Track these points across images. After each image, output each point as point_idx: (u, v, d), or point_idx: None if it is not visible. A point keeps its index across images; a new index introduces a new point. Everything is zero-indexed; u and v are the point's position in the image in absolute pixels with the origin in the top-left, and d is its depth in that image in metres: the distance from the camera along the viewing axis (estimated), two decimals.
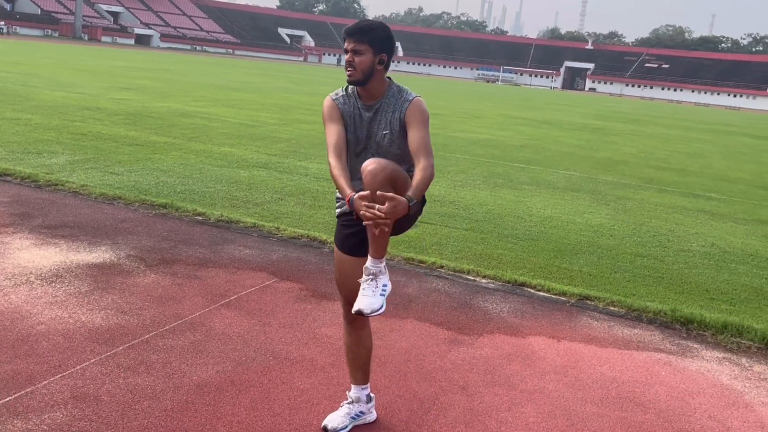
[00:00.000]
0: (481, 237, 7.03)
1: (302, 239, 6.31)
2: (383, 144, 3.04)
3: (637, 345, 4.64)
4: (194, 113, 16.11)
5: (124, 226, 6.22)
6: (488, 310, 5.00)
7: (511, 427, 3.43)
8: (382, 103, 3.05)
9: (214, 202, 7.44)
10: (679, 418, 3.69)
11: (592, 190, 10.78)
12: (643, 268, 6.49)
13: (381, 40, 2.97)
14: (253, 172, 9.47)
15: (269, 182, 8.82)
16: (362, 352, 3.28)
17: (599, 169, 13.59)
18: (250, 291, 4.89)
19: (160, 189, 7.75)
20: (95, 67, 31.37)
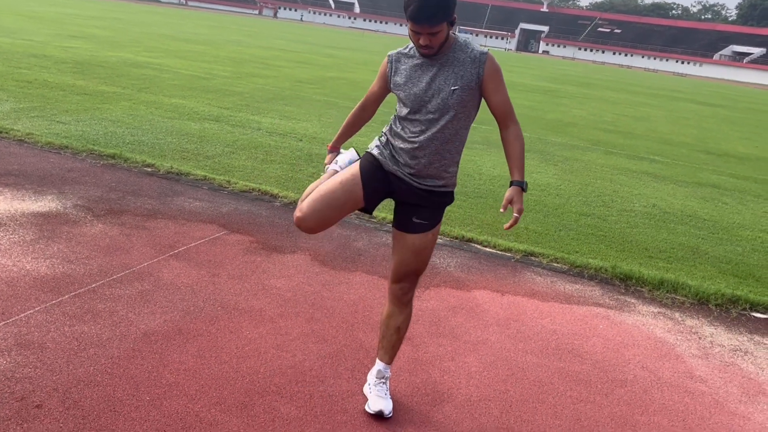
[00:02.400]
0: None
1: (253, 193, 6.29)
2: (449, 100, 2.82)
3: (578, 300, 4.81)
4: (145, 64, 15.70)
5: (71, 175, 6.09)
6: (435, 265, 5.10)
7: (454, 376, 3.55)
8: (449, 57, 2.83)
9: (164, 153, 7.33)
10: (614, 369, 3.87)
11: (541, 151, 10.96)
12: (587, 226, 6.68)
13: (453, 8, 2.72)
14: (205, 124, 9.33)
15: (221, 135, 8.72)
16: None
17: (549, 130, 13.79)
18: (199, 243, 4.88)
19: (109, 139, 7.59)
20: (43, 13, 30.16)
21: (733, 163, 12.56)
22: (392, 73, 2.96)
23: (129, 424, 2.79)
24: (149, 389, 3.04)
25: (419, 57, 2.88)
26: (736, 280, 5.60)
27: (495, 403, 3.34)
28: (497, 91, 2.88)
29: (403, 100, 2.92)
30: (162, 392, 3.03)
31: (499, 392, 3.45)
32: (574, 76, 43.41)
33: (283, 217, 5.70)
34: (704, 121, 21.83)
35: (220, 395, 3.07)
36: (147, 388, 3.05)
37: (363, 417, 3.06)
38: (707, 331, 4.56)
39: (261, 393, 3.14)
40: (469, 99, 2.86)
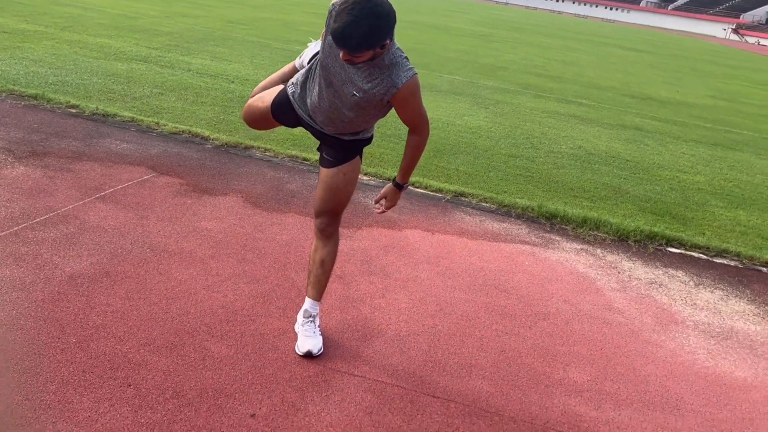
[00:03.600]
0: None
1: (183, 135, 6.16)
2: (346, 98, 2.74)
3: (505, 237, 4.95)
4: (68, 2, 14.94)
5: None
6: (368, 206, 5.14)
7: (384, 312, 3.64)
8: (372, 66, 2.65)
9: (89, 94, 7.07)
10: (538, 302, 4.03)
11: (473, 94, 11.04)
12: (516, 167, 6.83)
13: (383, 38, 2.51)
14: (132, 65, 9.01)
15: (149, 76, 8.44)
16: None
17: (481, 74, 13.88)
18: (127, 185, 4.78)
19: (30, 79, 7.25)
20: None
21: (655, 107, 12.95)
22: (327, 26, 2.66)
23: (55, 367, 2.77)
24: (75, 332, 3.01)
25: None
26: (654, 217, 5.85)
27: (424, 337, 3.45)
28: (405, 113, 2.81)
29: (321, 59, 2.78)
30: (89, 334, 3.01)
31: (427, 327, 3.55)
32: (507, 20, 43.56)
33: (215, 160, 5.61)
34: (630, 66, 22.34)
35: (149, 336, 3.07)
36: (73, 331, 3.02)
37: (294, 354, 3.12)
38: (626, 265, 4.78)
39: (191, 333, 3.15)
40: (372, 107, 2.77)
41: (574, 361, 3.44)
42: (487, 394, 3.05)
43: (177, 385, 2.76)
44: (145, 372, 2.81)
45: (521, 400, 3.04)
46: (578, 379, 3.29)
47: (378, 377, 3.04)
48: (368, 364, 3.13)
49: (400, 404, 2.88)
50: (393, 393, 2.95)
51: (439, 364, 3.22)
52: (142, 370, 2.82)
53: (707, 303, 4.38)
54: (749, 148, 10.05)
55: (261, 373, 2.94)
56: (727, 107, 14.70)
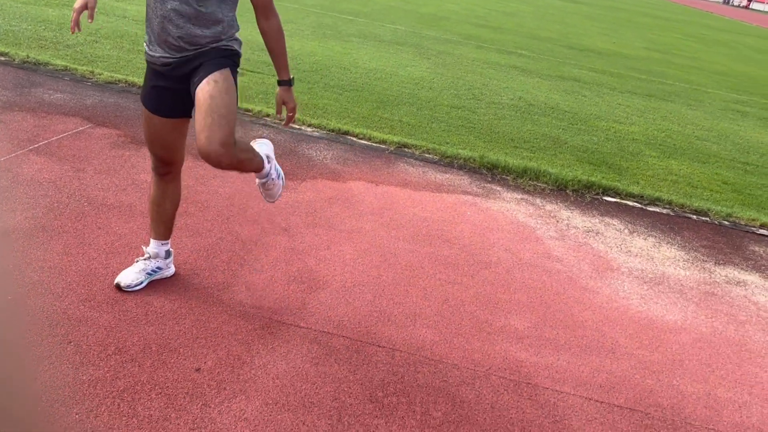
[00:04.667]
0: (307, 87, 7.01)
1: (119, 84, 5.95)
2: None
3: (448, 188, 5.00)
4: None
5: None
6: (312, 157, 5.10)
7: (329, 263, 3.65)
8: None
9: (18, 41, 6.72)
10: (480, 252, 4.11)
11: (415, 44, 10.96)
12: (458, 118, 6.86)
13: None
14: (64, 11, 8.59)
15: (82, 23, 8.07)
16: (168, 207, 3.08)
17: (423, 24, 13.77)
18: (61, 137, 4.61)
19: None
20: None
21: (592, 58, 13.13)
22: None
23: None
24: (11, 288, 2.93)
25: None
26: (591, 167, 5.99)
27: (368, 287, 3.49)
28: None
29: None
30: (25, 291, 2.93)
31: (372, 277, 3.59)
32: None
33: None
34: (568, 17, 22.50)
35: (89, 292, 3.01)
36: (8, 288, 2.93)
37: (239, 307, 3.11)
38: (564, 214, 4.90)
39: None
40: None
41: (515, 309, 3.54)
42: (431, 343, 3.12)
43: (119, 341, 2.73)
44: (85, 328, 2.76)
45: (464, 348, 3.12)
46: (519, 326, 3.39)
47: (323, 328, 3.07)
48: (314, 315, 3.16)
49: (345, 354, 2.92)
50: (338, 343, 2.99)
51: (384, 314, 3.27)
52: (83, 326, 2.77)
53: (641, 250, 4.54)
54: (681, 99, 10.32)
55: (205, 327, 2.93)
56: (660, 59, 15.02)
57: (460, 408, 2.73)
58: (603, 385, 3.05)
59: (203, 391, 2.55)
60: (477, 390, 2.85)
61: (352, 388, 2.73)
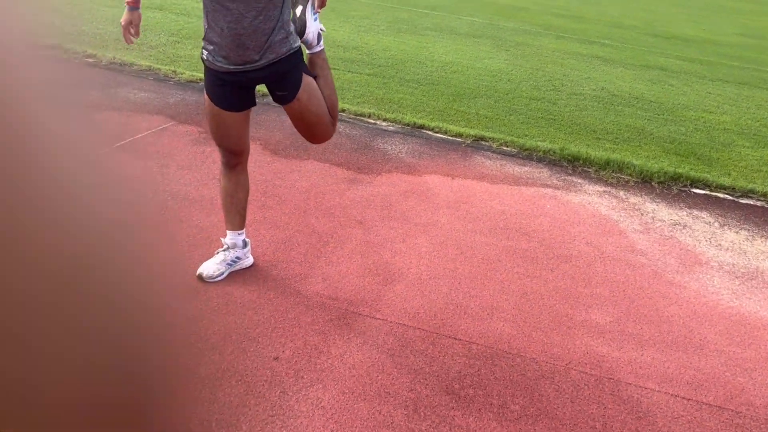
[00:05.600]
0: (383, 82, 7.02)
1: (200, 83, 6.11)
2: None
3: (526, 181, 4.91)
4: None
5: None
6: (387, 151, 5.11)
7: (405, 256, 3.64)
8: None
9: (105, 44, 7.02)
10: (560, 245, 4.01)
11: (493, 36, 10.82)
12: (537, 110, 6.72)
13: None
14: (148, 13, 8.90)
15: (165, 24, 8.36)
16: (241, 196, 3.18)
17: (501, 15, 13.57)
18: (146, 134, 4.78)
19: (47, 30, 7.21)
20: None
21: (679, 46, 12.62)
22: None
23: None
24: None
25: None
26: (678, 158, 5.76)
27: (444, 280, 3.46)
28: None
29: None
30: None
31: (448, 270, 3.56)
32: None
33: None
34: (653, 4, 21.70)
35: (171, 282, 3.09)
36: None
37: (316, 298, 3.14)
38: (649, 207, 4.72)
39: None
40: None
41: (596, 303, 3.44)
42: (508, 336, 3.06)
43: (201, 330, 2.80)
44: (168, 317, 2.85)
45: (543, 342, 3.05)
46: (600, 320, 3.29)
47: (399, 320, 3.06)
48: (390, 307, 3.15)
49: (421, 346, 2.90)
50: (414, 335, 2.97)
51: (460, 307, 3.23)
52: (166, 314, 2.86)
53: (732, 244, 4.33)
54: None
55: (283, 317, 2.97)
56: (755, 44, 14.28)
57: (538, 402, 2.66)
58: (690, 383, 2.92)
59: (281, 379, 2.59)
60: (557, 384, 2.78)
61: (428, 379, 2.71)
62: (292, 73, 2.87)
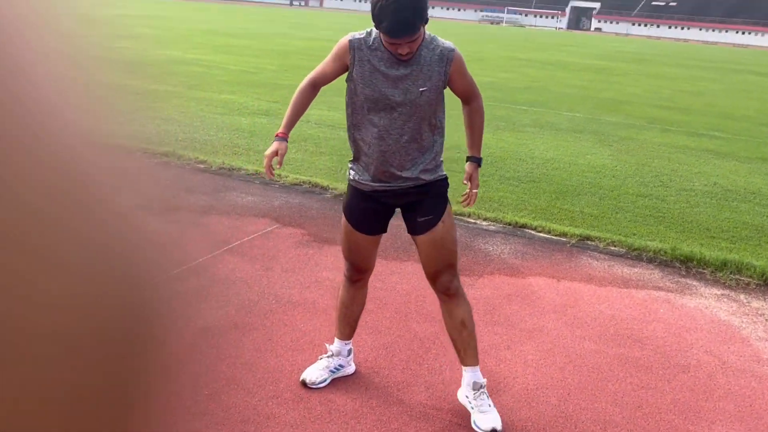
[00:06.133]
0: (482, 180, 6.96)
1: (304, 185, 6.33)
2: (418, 101, 2.73)
3: (637, 283, 4.69)
4: (193, 61, 15.96)
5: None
6: (489, 252, 5.04)
7: (510, 364, 3.51)
8: (417, 55, 2.71)
9: (215, 149, 7.44)
10: (676, 354, 3.76)
11: (595, 131, 10.72)
12: (645, 208, 6.51)
13: (426, 7, 2.62)
14: (255, 119, 9.43)
15: (270, 129, 8.80)
16: (356, 310, 3.22)
17: (603, 109, 13.49)
18: (252, 237, 4.94)
19: (162, 137, 7.74)
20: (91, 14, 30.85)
21: None
22: (354, 63, 2.79)
23: (189, 418, 2.84)
24: (208, 383, 3.10)
25: (384, 51, 2.73)
26: None
27: (553, 391, 3.29)
28: (462, 81, 2.86)
29: (363, 95, 2.78)
30: (220, 386, 3.08)
31: (556, 380, 3.39)
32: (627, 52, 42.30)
33: (334, 209, 5.72)
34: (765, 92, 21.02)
35: (276, 388, 3.10)
36: (206, 383, 3.10)
37: (419, 408, 3.05)
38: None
39: None
40: (435, 96, 2.79)
41: (720, 419, 3.17)
42: None
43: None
44: (273, 425, 2.84)
45: None
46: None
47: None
48: None
49: None
50: None
51: (571, 420, 3.06)
52: (271, 423, 2.85)
53: None
54: None
55: (386, 427, 2.89)
56: None
57: None
58: None
59: None
60: None
61: None
62: (437, 199, 2.92)
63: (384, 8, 2.52)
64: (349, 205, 3.05)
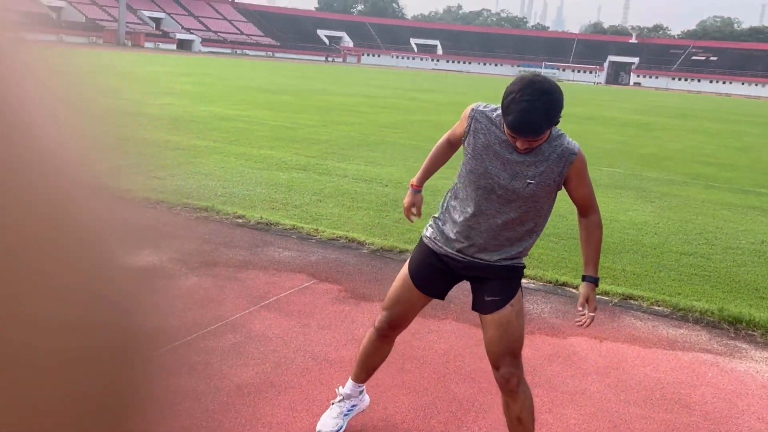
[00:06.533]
0: None
1: (341, 240, 6.33)
2: (522, 192, 2.66)
3: (683, 345, 4.54)
4: (235, 117, 16.31)
5: (166, 229, 6.33)
6: (529, 311, 4.94)
7: (552, 428, 3.39)
8: (537, 148, 2.64)
9: (254, 204, 7.52)
10: (727, 420, 3.60)
11: (636, 187, 10.58)
12: (689, 266, 6.35)
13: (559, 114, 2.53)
14: (293, 174, 9.54)
15: (308, 184, 8.88)
16: (377, 361, 3.16)
17: (644, 165, 13.34)
18: (289, 293, 4.93)
19: (202, 192, 7.86)
20: (139, 73, 31.98)
21: None
22: (470, 131, 2.73)
23: None
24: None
25: (502, 137, 2.66)
26: None
27: None
28: (581, 186, 2.76)
29: (469, 166, 2.73)
30: None
31: None
32: (668, 107, 42.08)
33: (370, 265, 5.69)
34: None
35: None
36: None
37: None
38: None
39: None
40: (545, 194, 2.71)
41: None
42: None
43: None
44: None
45: None
46: None
47: None
48: None
49: None
50: None
51: None
52: None
53: None
54: None
55: None
56: None
57: None
58: None
59: None
60: None
61: None
62: (510, 281, 2.83)
63: (515, 103, 2.45)
64: (416, 259, 2.96)
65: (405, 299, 2.97)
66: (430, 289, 2.94)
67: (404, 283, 2.96)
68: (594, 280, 2.82)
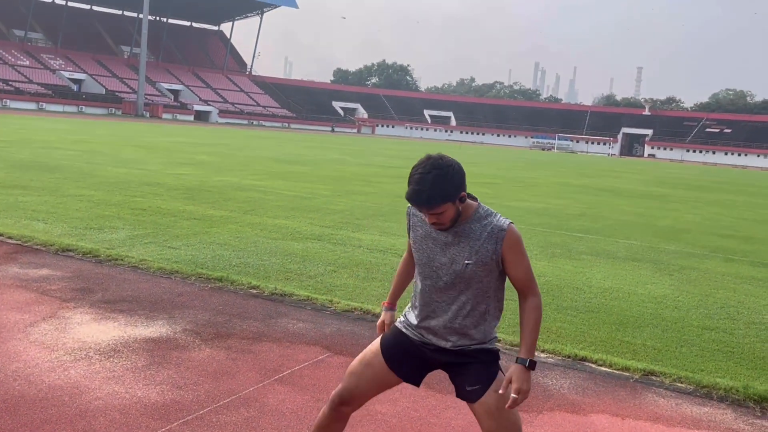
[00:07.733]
0: None
1: (355, 312, 6.27)
2: (463, 274, 2.75)
3: (708, 424, 4.38)
4: (250, 186, 16.48)
5: (180, 300, 6.30)
6: (548, 387, 4.82)
7: None
8: (466, 227, 2.74)
9: (268, 274, 7.49)
10: None
11: (654, 260, 10.47)
12: (712, 341, 6.20)
13: (454, 188, 2.63)
14: (307, 244, 9.54)
15: (323, 254, 8.86)
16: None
17: (661, 237, 13.24)
18: (303, 366, 4.85)
19: (216, 262, 7.86)
20: (156, 143, 32.58)
21: None
22: (410, 228, 2.94)
23: None
24: None
25: None
26: None
27: None
28: (516, 265, 2.75)
29: (417, 259, 2.88)
30: None
31: None
32: (684, 179, 42.11)
33: None
34: None
35: None
36: None
37: None
38: None
39: None
40: (486, 274, 2.76)
41: None
42: None
43: None
44: None
45: None
46: None
47: None
48: None
49: None
50: None
51: None
52: None
53: None
54: None
55: None
56: None
57: None
58: None
59: None
60: None
61: None
62: (487, 367, 2.83)
63: (411, 177, 2.66)
64: (387, 336, 3.02)
65: (371, 371, 2.94)
66: (396, 364, 2.92)
67: (371, 352, 2.98)
68: (523, 361, 2.72)
